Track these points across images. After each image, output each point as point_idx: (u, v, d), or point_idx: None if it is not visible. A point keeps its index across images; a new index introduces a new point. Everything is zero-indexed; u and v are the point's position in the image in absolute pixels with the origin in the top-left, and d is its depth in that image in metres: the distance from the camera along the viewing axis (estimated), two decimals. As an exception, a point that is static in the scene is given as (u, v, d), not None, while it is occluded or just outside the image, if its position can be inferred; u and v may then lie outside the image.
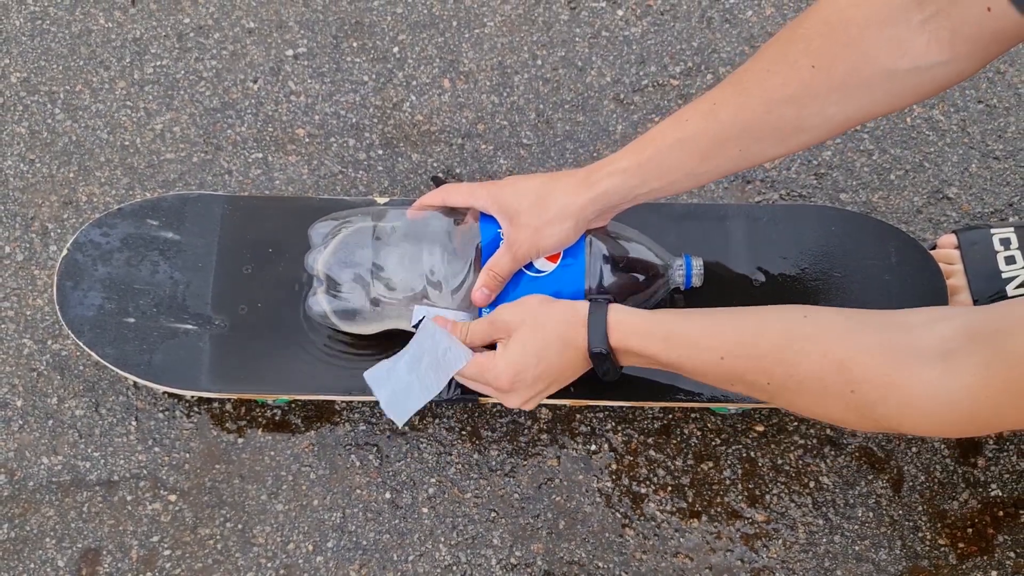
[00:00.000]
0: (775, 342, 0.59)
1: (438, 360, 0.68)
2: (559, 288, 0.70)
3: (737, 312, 0.63)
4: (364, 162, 0.91)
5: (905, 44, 0.59)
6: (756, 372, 0.60)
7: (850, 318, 0.59)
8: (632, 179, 0.67)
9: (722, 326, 0.63)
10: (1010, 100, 0.93)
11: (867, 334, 0.57)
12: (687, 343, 0.63)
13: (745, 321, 0.62)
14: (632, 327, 0.65)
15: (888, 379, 0.54)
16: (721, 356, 0.61)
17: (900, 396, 0.54)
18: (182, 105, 0.94)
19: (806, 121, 0.63)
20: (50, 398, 0.82)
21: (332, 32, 0.97)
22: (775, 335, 0.60)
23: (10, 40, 0.97)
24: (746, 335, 0.61)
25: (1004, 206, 0.89)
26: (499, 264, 0.70)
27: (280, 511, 0.79)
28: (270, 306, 0.78)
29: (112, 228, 0.80)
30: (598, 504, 0.79)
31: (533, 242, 0.69)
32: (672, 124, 0.67)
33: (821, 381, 0.57)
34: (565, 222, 0.68)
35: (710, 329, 0.63)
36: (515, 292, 0.71)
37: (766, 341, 0.60)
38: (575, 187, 0.68)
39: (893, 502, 0.79)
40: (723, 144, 0.65)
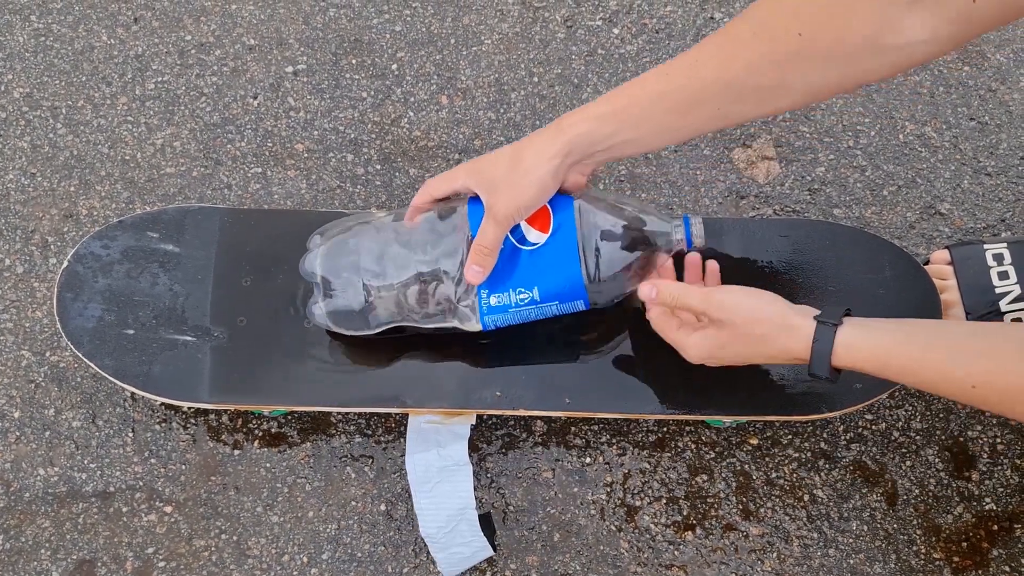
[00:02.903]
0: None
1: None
2: (555, 257, 0.69)
3: (988, 334, 0.60)
4: (362, 177, 0.92)
5: (892, 22, 0.59)
6: (1010, 405, 0.58)
7: None
8: (606, 126, 0.66)
9: (976, 355, 0.59)
10: (1002, 117, 0.94)
11: None
12: (934, 372, 0.60)
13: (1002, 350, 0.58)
14: (864, 355, 0.62)
15: None
16: (973, 385, 0.58)
17: None
18: (183, 120, 0.95)
19: (787, 86, 0.64)
20: (47, 409, 0.83)
21: (331, 49, 0.98)
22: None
23: (14, 56, 0.98)
24: (1006, 366, 0.57)
25: (996, 221, 0.90)
26: (484, 236, 0.68)
27: (275, 523, 0.79)
28: (269, 318, 0.79)
29: (112, 240, 0.81)
30: (593, 517, 0.79)
31: (511, 200, 0.67)
32: (653, 77, 0.66)
33: None
34: (540, 171, 0.66)
35: (961, 358, 0.59)
36: (510, 268, 0.70)
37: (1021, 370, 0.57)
38: (548, 137, 0.67)
39: (888, 516, 0.79)
40: (702, 101, 0.65)
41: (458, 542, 0.72)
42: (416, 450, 0.74)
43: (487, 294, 0.71)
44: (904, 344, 0.60)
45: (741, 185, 0.91)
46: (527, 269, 0.70)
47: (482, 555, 0.74)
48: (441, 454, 0.74)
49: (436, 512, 0.72)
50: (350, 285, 0.71)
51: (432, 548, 0.74)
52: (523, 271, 0.70)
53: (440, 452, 0.74)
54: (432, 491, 0.73)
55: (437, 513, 0.72)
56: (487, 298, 0.71)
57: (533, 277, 0.71)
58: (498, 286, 0.71)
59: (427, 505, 0.72)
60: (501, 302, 0.71)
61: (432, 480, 0.73)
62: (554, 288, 0.70)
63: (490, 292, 0.71)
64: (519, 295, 0.71)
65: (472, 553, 0.73)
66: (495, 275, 0.70)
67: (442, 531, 0.72)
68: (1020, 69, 0.96)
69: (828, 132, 0.94)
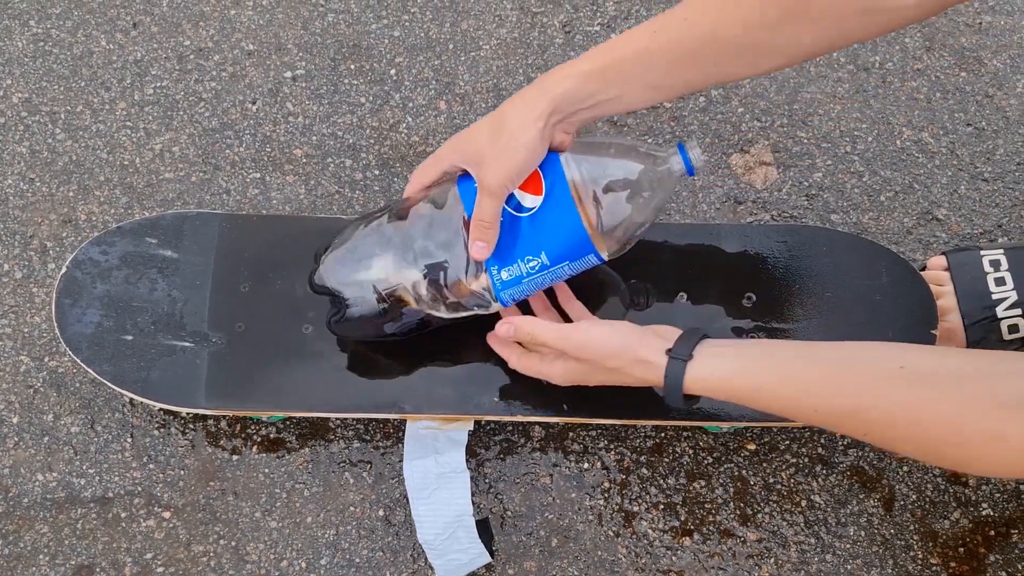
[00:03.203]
0: (873, 398, 0.58)
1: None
2: (554, 217, 0.67)
3: (828, 356, 0.61)
4: (360, 182, 0.92)
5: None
6: (852, 425, 0.60)
7: (949, 364, 0.58)
8: (591, 84, 0.65)
9: (814, 379, 0.60)
10: (998, 123, 0.94)
11: (972, 385, 0.56)
12: (778, 398, 0.62)
13: (838, 371, 0.60)
14: (712, 385, 0.63)
15: (1000, 433, 0.54)
16: (815, 409, 0.60)
17: (1012, 448, 0.54)
18: (181, 125, 0.95)
19: (778, 46, 0.64)
20: (46, 415, 0.83)
21: (330, 55, 0.98)
22: (872, 390, 0.58)
23: (12, 61, 0.98)
24: (842, 389, 0.59)
25: (993, 227, 0.90)
26: (481, 210, 0.66)
27: (274, 528, 0.79)
28: (267, 324, 0.79)
29: (111, 246, 0.81)
30: (591, 522, 0.79)
31: (502, 169, 0.65)
32: (642, 33, 0.65)
33: (925, 437, 0.57)
34: (527, 135, 0.64)
35: (803, 384, 0.61)
36: (513, 239, 0.68)
37: (863, 397, 0.58)
38: (531, 98, 0.65)
39: (885, 521, 0.79)
40: (692, 59, 0.64)
41: (456, 549, 0.73)
42: (414, 456, 0.74)
43: (497, 270, 0.69)
44: (748, 374, 0.62)
45: (739, 190, 0.92)
46: (530, 236, 0.68)
47: (480, 561, 0.74)
48: (439, 460, 0.74)
49: (434, 519, 0.72)
50: (363, 293, 0.70)
51: (430, 555, 0.74)
52: (526, 239, 0.68)
53: (438, 459, 0.74)
54: (430, 498, 0.73)
55: (435, 520, 0.72)
56: (498, 273, 0.69)
57: (538, 242, 0.68)
58: (506, 259, 0.69)
59: (425, 512, 0.73)
60: (513, 275, 0.69)
61: (430, 487, 0.73)
62: (561, 249, 0.68)
63: (500, 267, 0.69)
64: (529, 264, 0.69)
65: (470, 560, 0.74)
66: (501, 249, 0.68)
67: (439, 538, 0.72)
68: (1017, 75, 0.97)
69: (826, 138, 0.94)
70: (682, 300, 0.80)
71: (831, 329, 0.78)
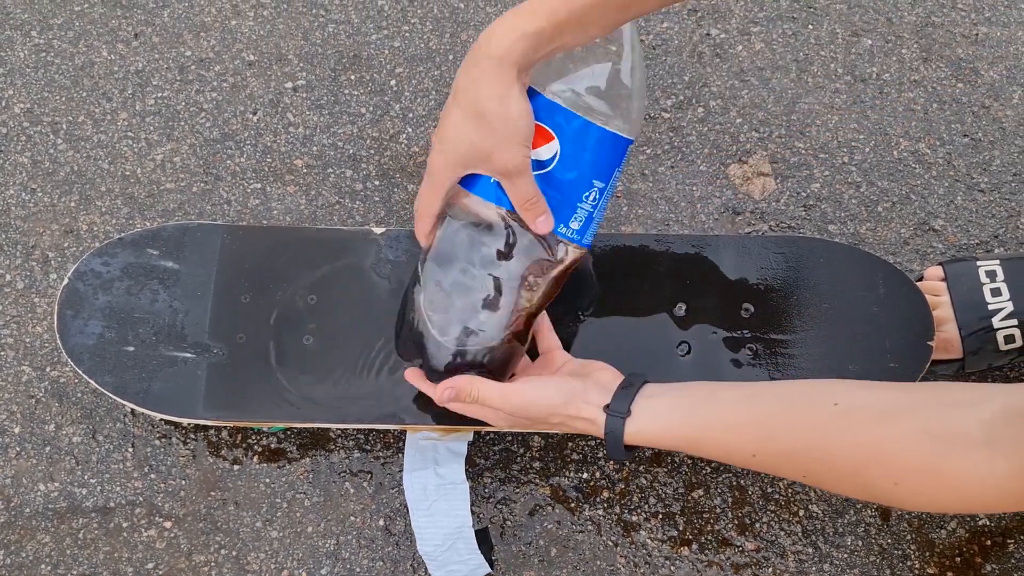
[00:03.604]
0: (808, 439, 0.58)
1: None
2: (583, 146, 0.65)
3: (763, 399, 0.62)
4: (361, 192, 0.93)
5: None
6: (791, 468, 0.61)
7: (882, 399, 0.58)
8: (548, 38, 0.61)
9: (749, 424, 0.61)
10: (995, 134, 0.95)
11: (905, 420, 0.56)
12: (716, 446, 0.62)
13: (772, 414, 0.60)
14: (651, 438, 0.63)
15: (934, 468, 0.54)
16: (753, 454, 0.61)
17: (947, 483, 0.54)
18: (183, 136, 0.95)
19: None
20: (48, 425, 0.83)
21: (331, 65, 0.99)
22: (807, 431, 0.58)
23: (14, 71, 0.98)
24: (777, 432, 0.60)
25: (990, 238, 0.91)
26: (520, 192, 0.63)
27: (274, 538, 0.79)
28: (268, 335, 0.79)
29: (113, 257, 0.81)
30: (590, 532, 0.79)
31: (511, 147, 0.62)
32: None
33: (861, 475, 0.57)
34: (513, 103, 0.61)
35: (737, 430, 0.61)
36: (559, 191, 0.65)
37: (798, 438, 0.59)
38: (493, 71, 0.60)
39: (882, 531, 0.80)
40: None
41: (455, 560, 0.73)
42: (414, 468, 0.75)
43: (566, 226, 0.66)
44: (685, 426, 0.63)
45: (737, 201, 0.92)
46: (572, 178, 0.66)
47: (480, 572, 0.75)
48: (438, 472, 0.74)
49: (434, 531, 0.73)
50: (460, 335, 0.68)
51: (430, 566, 0.74)
52: (571, 182, 0.66)
53: (437, 471, 0.74)
54: (429, 509, 0.73)
55: (435, 532, 0.73)
56: (568, 228, 0.66)
57: (583, 177, 0.66)
58: (567, 212, 0.66)
59: (424, 524, 0.73)
60: (582, 218, 0.67)
61: (429, 499, 0.74)
62: (604, 164, 0.66)
63: (566, 222, 0.66)
64: (589, 199, 0.66)
65: (470, 571, 0.74)
66: (556, 208, 0.65)
67: (439, 549, 0.73)
68: (1013, 86, 0.97)
69: (823, 148, 0.94)
70: (680, 311, 0.80)
71: (828, 340, 0.79)
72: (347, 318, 0.80)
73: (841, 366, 0.78)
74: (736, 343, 0.79)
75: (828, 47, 1.00)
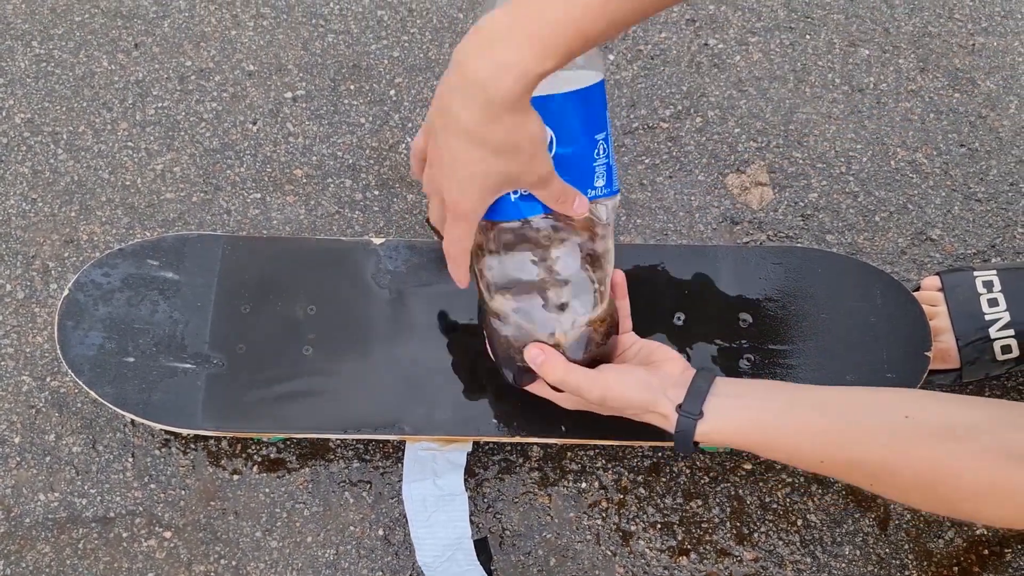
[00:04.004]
0: (875, 451, 0.59)
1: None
2: (574, 128, 0.65)
3: (834, 408, 0.63)
4: (360, 202, 0.93)
5: None
6: (857, 477, 0.62)
7: (952, 415, 0.59)
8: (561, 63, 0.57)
9: (819, 432, 0.62)
10: (991, 144, 0.95)
11: (973, 438, 0.57)
12: (784, 451, 0.63)
13: (842, 424, 0.61)
14: (721, 439, 0.65)
15: (1000, 486, 0.56)
16: (821, 460, 0.62)
17: (1013, 500, 0.56)
18: (182, 146, 0.96)
19: None
20: (48, 435, 0.84)
21: (330, 75, 0.99)
22: (875, 443, 0.60)
23: (15, 81, 0.99)
24: (846, 442, 0.61)
25: (987, 247, 0.91)
26: (551, 192, 0.63)
27: (274, 548, 0.80)
28: (268, 345, 0.79)
29: (113, 268, 0.82)
30: (588, 542, 0.80)
31: (537, 160, 0.60)
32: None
33: (927, 489, 0.58)
34: (531, 124, 0.58)
35: (806, 437, 0.62)
36: (574, 163, 0.66)
37: (866, 449, 0.60)
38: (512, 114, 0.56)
39: (880, 540, 0.80)
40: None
41: (455, 571, 0.73)
42: (413, 479, 0.75)
43: (593, 191, 0.67)
44: (755, 429, 0.64)
45: (735, 211, 0.92)
46: (577, 148, 0.66)
47: None
48: (437, 483, 0.74)
49: (433, 542, 0.73)
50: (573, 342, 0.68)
51: None
52: (578, 152, 0.66)
53: (436, 482, 0.74)
54: (428, 520, 0.74)
55: (434, 543, 0.73)
56: (596, 188, 0.67)
57: (586, 140, 0.66)
58: (588, 177, 0.67)
59: (424, 535, 0.73)
60: (602, 173, 0.67)
61: (428, 510, 0.74)
62: (592, 116, 0.66)
63: (592, 185, 0.67)
64: (600, 155, 0.67)
65: None
66: (578, 180, 0.66)
67: (439, 560, 0.73)
68: (1009, 96, 0.98)
69: (821, 158, 0.95)
70: (678, 321, 0.81)
71: (826, 350, 0.79)
72: (347, 328, 0.80)
73: (838, 376, 0.78)
74: (734, 353, 0.79)
75: (825, 57, 1.01)
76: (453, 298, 0.81)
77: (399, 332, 0.80)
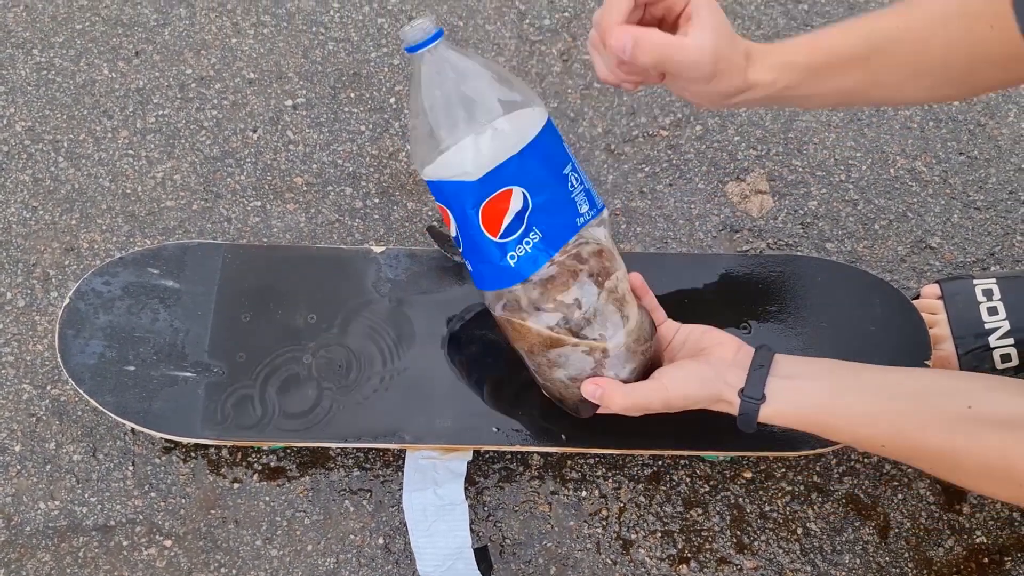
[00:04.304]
0: (938, 438, 0.60)
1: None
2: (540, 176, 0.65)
3: (899, 393, 0.63)
4: (360, 210, 0.93)
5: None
6: (919, 462, 0.63)
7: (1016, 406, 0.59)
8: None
9: (882, 417, 0.62)
10: (990, 152, 0.96)
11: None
12: (847, 433, 0.64)
13: (906, 410, 0.62)
14: (783, 421, 0.65)
15: None
16: (882, 444, 0.62)
17: None
18: (183, 154, 0.96)
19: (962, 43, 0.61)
20: (48, 443, 0.84)
21: (330, 83, 0.99)
22: (938, 430, 0.60)
23: (16, 90, 0.99)
24: (908, 428, 0.61)
25: (986, 255, 0.91)
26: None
27: (274, 556, 0.80)
28: (268, 353, 0.79)
29: (114, 277, 0.82)
30: (589, 550, 0.80)
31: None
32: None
33: (987, 477, 0.59)
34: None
35: (870, 422, 0.63)
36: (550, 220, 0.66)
37: (928, 436, 0.60)
38: None
39: (880, 549, 0.80)
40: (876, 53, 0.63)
41: None
42: (413, 488, 0.75)
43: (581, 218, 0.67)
44: (817, 412, 0.64)
45: (735, 219, 0.93)
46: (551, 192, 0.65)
47: None
48: (438, 493, 0.74)
49: (433, 551, 0.73)
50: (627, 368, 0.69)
51: None
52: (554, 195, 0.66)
53: (437, 491, 0.75)
54: (429, 529, 0.74)
55: (434, 552, 0.73)
56: (583, 216, 0.67)
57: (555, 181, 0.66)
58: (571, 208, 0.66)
59: (424, 544, 0.73)
60: (582, 200, 0.67)
61: (429, 519, 0.74)
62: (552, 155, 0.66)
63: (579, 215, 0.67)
64: (574, 186, 0.67)
65: None
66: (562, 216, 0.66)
67: (439, 569, 0.73)
68: (1008, 104, 0.98)
69: (820, 166, 0.95)
70: (679, 330, 0.81)
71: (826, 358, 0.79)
72: (347, 337, 0.80)
73: (838, 385, 0.78)
74: (734, 362, 0.79)
75: (825, 65, 1.01)
76: (453, 306, 0.81)
77: (399, 341, 0.80)
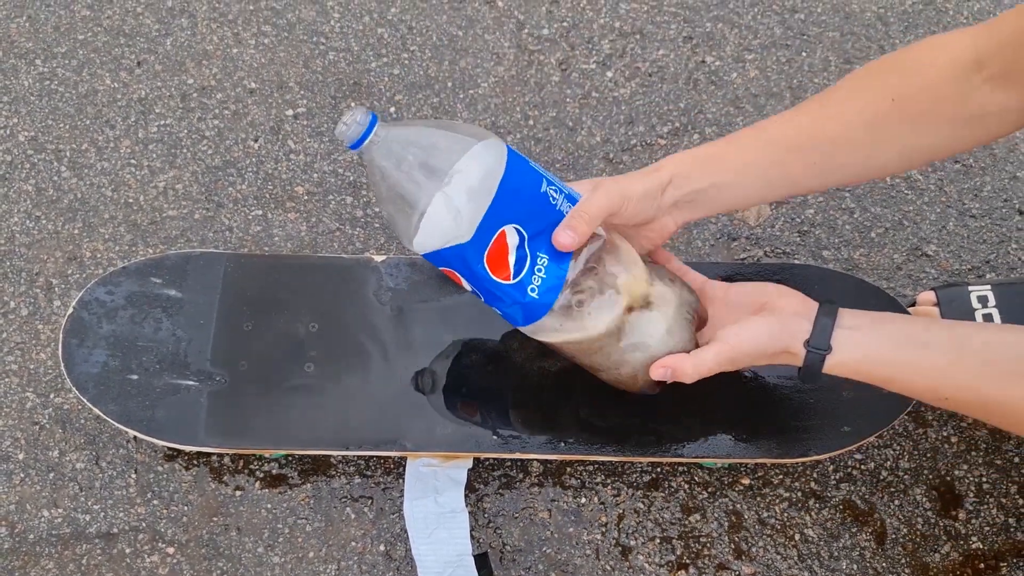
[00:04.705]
0: (1004, 392, 0.62)
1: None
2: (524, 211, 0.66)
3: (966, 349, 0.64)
4: (361, 219, 0.94)
5: (968, 98, 0.65)
6: (982, 415, 0.66)
7: None
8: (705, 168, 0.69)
9: (947, 371, 0.64)
10: (985, 160, 0.96)
11: None
12: (910, 386, 0.66)
13: (972, 367, 0.63)
14: (848, 371, 0.66)
15: None
16: (946, 397, 0.64)
17: None
18: (185, 163, 0.96)
19: (880, 146, 0.69)
20: (51, 451, 0.84)
21: (331, 92, 1.00)
22: (1005, 383, 0.62)
23: (19, 100, 1.00)
24: (975, 383, 0.63)
25: (981, 263, 0.92)
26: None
27: (276, 563, 0.80)
28: (270, 362, 0.80)
29: (117, 286, 0.82)
30: (588, 556, 0.80)
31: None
32: (748, 131, 0.71)
33: None
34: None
35: (935, 376, 0.64)
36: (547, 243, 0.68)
37: (994, 390, 0.62)
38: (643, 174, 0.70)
39: (877, 555, 0.81)
40: (799, 148, 0.69)
41: None
42: (414, 496, 0.76)
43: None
44: (883, 365, 0.66)
45: (732, 227, 0.93)
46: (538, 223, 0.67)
47: None
48: (438, 501, 0.75)
49: (434, 559, 0.74)
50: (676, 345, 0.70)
51: None
52: (538, 229, 0.67)
53: (437, 499, 0.75)
54: (430, 537, 0.74)
55: (435, 560, 0.74)
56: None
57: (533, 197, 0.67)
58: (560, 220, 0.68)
59: (425, 552, 0.74)
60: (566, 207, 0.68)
61: (429, 527, 0.75)
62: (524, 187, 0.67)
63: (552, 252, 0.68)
64: (555, 199, 0.68)
65: None
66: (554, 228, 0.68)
67: None
68: (1003, 112, 0.99)
69: (817, 174, 0.96)
70: (677, 338, 0.81)
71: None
72: (348, 345, 0.81)
73: (833, 390, 0.79)
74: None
75: (821, 74, 1.02)
76: (454, 315, 0.82)
77: (400, 349, 0.81)
